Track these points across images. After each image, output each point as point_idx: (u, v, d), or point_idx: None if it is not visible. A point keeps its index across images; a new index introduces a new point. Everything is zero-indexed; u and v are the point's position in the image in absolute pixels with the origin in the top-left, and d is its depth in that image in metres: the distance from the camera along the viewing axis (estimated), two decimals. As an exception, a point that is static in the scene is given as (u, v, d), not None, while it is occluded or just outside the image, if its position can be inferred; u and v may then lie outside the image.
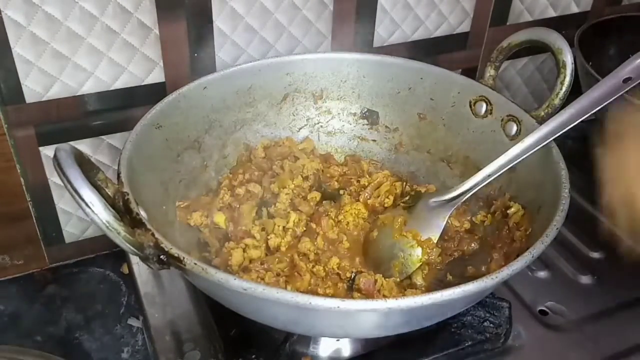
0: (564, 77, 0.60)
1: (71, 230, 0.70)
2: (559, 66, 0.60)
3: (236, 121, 0.66)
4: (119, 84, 0.63)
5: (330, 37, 0.72)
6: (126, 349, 0.62)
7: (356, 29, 0.72)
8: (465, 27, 0.79)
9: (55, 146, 0.62)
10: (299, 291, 0.54)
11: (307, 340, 0.57)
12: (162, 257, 0.44)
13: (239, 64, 0.65)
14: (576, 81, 0.62)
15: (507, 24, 0.81)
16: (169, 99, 0.59)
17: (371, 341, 0.58)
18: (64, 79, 0.61)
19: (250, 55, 0.68)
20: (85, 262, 0.71)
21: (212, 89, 0.62)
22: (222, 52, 0.67)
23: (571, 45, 0.61)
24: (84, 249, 0.72)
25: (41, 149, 0.63)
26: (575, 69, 0.60)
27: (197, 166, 0.63)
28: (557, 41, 0.60)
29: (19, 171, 0.63)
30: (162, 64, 0.64)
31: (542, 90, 0.91)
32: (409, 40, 0.76)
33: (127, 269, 0.68)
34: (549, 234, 0.47)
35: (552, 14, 0.84)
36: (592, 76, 0.71)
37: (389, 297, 0.53)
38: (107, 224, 0.43)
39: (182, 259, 0.43)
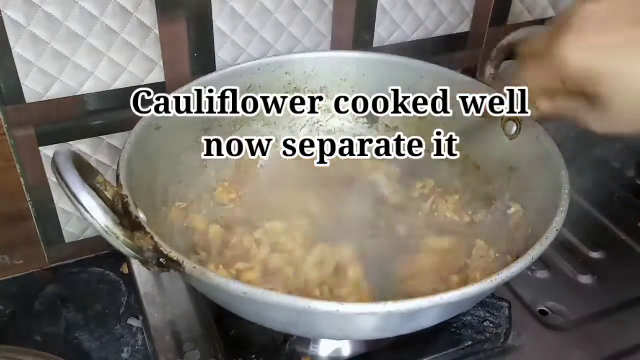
0: None
1: (71, 230, 0.70)
2: None
3: (235, 121, 0.66)
4: (119, 84, 0.63)
5: (330, 37, 0.72)
6: (126, 349, 0.63)
7: (356, 29, 0.72)
8: (465, 27, 0.79)
9: (55, 146, 0.63)
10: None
11: (307, 340, 0.57)
12: (161, 260, 0.44)
13: (243, 63, 0.65)
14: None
15: (507, 23, 0.81)
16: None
17: (371, 341, 0.58)
18: (64, 79, 0.61)
19: (250, 55, 0.68)
20: (85, 262, 0.71)
21: (211, 90, 0.62)
22: (222, 52, 0.67)
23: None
24: (84, 249, 0.72)
25: (41, 149, 0.63)
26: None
27: (197, 167, 0.63)
28: None
29: (19, 171, 0.63)
30: (162, 64, 0.64)
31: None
32: (409, 40, 0.76)
33: (127, 269, 0.69)
34: (549, 235, 0.47)
35: (552, 13, 0.84)
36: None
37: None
38: (106, 229, 0.43)
39: (181, 262, 0.43)
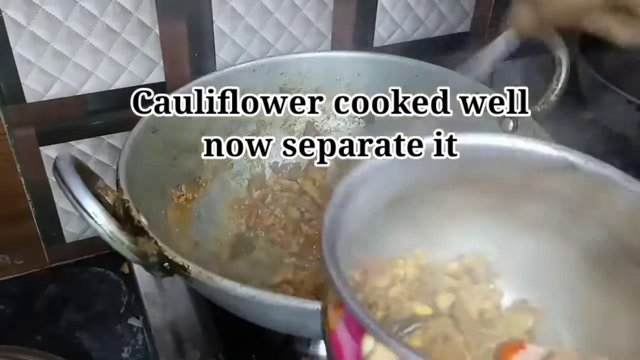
0: (560, 74, 0.60)
1: (71, 230, 0.70)
2: (554, 62, 0.60)
3: (231, 122, 0.66)
4: (119, 84, 0.63)
5: (330, 37, 0.72)
6: (126, 349, 0.63)
7: (356, 28, 0.72)
8: (465, 27, 0.79)
9: (55, 146, 0.64)
10: None
11: (307, 340, 0.57)
12: (165, 265, 0.44)
13: (238, 64, 0.65)
14: (575, 80, 0.62)
15: (507, 23, 0.81)
16: None
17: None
18: (64, 79, 0.61)
19: (250, 55, 0.68)
20: (85, 261, 0.71)
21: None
22: (222, 52, 0.67)
23: (572, 45, 0.61)
24: (85, 248, 0.72)
25: (41, 148, 0.63)
26: (572, 66, 0.60)
27: (195, 168, 0.63)
28: (552, 37, 0.60)
29: (19, 171, 0.63)
30: (162, 64, 0.64)
31: (542, 90, 0.90)
32: (409, 40, 0.76)
33: (127, 269, 0.69)
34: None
35: None
36: (593, 76, 0.71)
37: None
38: (111, 234, 0.43)
39: (186, 267, 0.43)
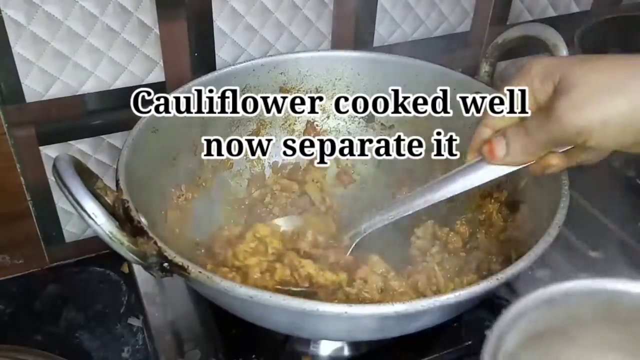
0: None
1: (71, 229, 0.70)
2: None
3: (231, 122, 0.66)
4: (119, 84, 0.63)
5: (330, 37, 0.72)
6: (126, 349, 0.63)
7: (356, 28, 0.72)
8: (465, 27, 0.79)
9: (55, 146, 0.64)
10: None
11: (307, 340, 0.57)
12: (164, 265, 0.44)
13: (238, 63, 0.65)
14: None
15: (507, 23, 0.81)
16: None
17: (372, 341, 0.58)
18: (64, 79, 0.61)
19: (250, 54, 0.68)
20: (85, 261, 0.71)
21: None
22: (222, 52, 0.67)
23: (571, 45, 0.61)
24: (84, 248, 0.72)
25: (41, 148, 0.63)
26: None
27: (194, 168, 0.63)
28: (552, 37, 0.60)
29: (19, 171, 0.63)
30: (162, 64, 0.64)
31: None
32: (409, 39, 0.76)
33: (127, 269, 0.68)
34: (551, 233, 0.47)
35: (552, 13, 0.84)
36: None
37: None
38: (111, 235, 0.43)
39: (186, 267, 0.43)
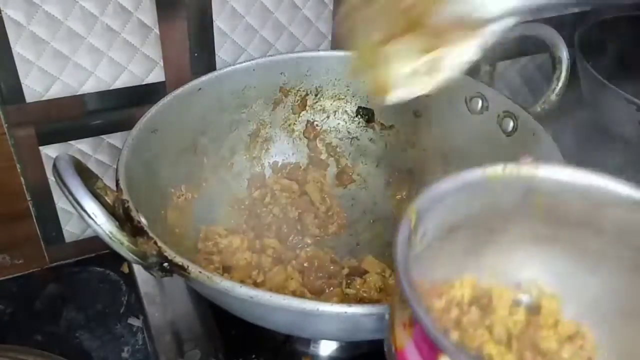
0: (560, 73, 0.60)
1: (71, 229, 0.70)
2: (554, 62, 0.60)
3: (231, 122, 0.66)
4: (119, 84, 0.63)
5: (330, 37, 0.72)
6: (126, 349, 0.63)
7: (356, 28, 0.72)
8: (465, 27, 0.79)
9: (55, 145, 0.64)
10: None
11: (307, 340, 0.57)
12: (164, 265, 0.44)
13: (238, 63, 0.65)
14: (575, 79, 0.62)
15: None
16: (164, 102, 0.58)
17: (372, 341, 0.58)
18: (64, 79, 0.61)
19: (250, 54, 0.68)
20: (85, 261, 0.71)
21: (206, 91, 0.62)
22: (222, 52, 0.67)
23: (571, 45, 0.61)
24: (84, 248, 0.72)
25: (41, 148, 0.63)
26: (572, 66, 0.60)
27: (194, 168, 0.63)
28: (552, 37, 0.60)
29: (19, 171, 0.63)
30: (162, 64, 0.64)
31: (542, 89, 0.90)
32: (409, 39, 0.76)
33: (127, 268, 0.69)
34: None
35: (552, 13, 0.84)
36: (593, 76, 0.71)
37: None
38: (110, 235, 0.43)
39: (186, 267, 0.43)
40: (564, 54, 0.59)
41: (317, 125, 0.71)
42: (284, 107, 0.69)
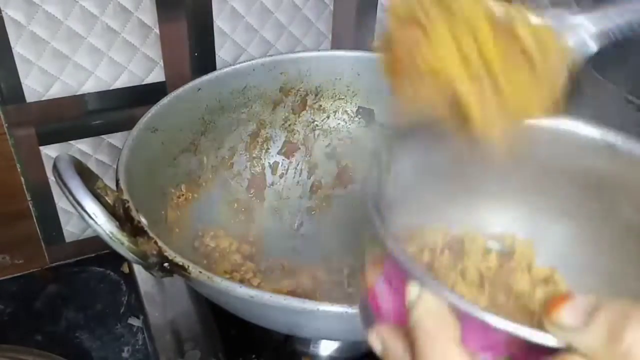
0: None
1: (71, 229, 0.70)
2: None
3: (231, 122, 0.66)
4: (119, 84, 0.63)
5: (330, 37, 0.72)
6: (126, 348, 0.63)
7: (356, 28, 0.72)
8: (465, 27, 0.79)
9: (55, 145, 0.64)
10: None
11: (307, 340, 0.57)
12: (165, 265, 0.44)
13: (238, 63, 0.65)
14: (575, 79, 0.62)
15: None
16: (164, 102, 0.58)
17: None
18: (64, 79, 0.61)
19: (250, 54, 0.68)
20: (85, 261, 0.71)
21: (206, 91, 0.62)
22: (223, 52, 0.67)
23: (571, 45, 0.61)
24: (84, 248, 0.72)
25: (41, 148, 0.63)
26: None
27: (194, 168, 0.63)
28: None
29: (19, 170, 0.63)
30: (162, 64, 0.64)
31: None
32: (409, 39, 0.76)
33: (127, 268, 0.69)
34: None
35: (552, 13, 0.84)
36: (594, 77, 0.71)
37: None
38: (111, 235, 0.43)
39: (186, 267, 0.43)
40: None
41: (317, 125, 0.71)
42: (284, 107, 0.69)
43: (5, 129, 0.60)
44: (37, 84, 0.60)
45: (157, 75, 0.65)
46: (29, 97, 0.60)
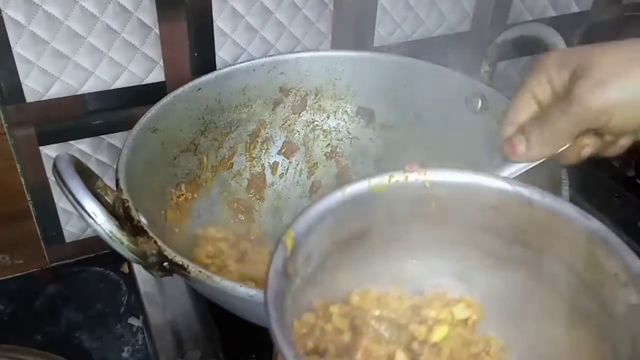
0: None
1: (71, 229, 0.70)
2: None
3: (231, 122, 0.66)
4: (119, 84, 0.63)
5: (330, 37, 0.72)
6: (126, 348, 0.63)
7: (356, 28, 0.72)
8: (465, 27, 0.79)
9: (55, 145, 0.64)
10: None
11: (307, 339, 0.57)
12: (164, 264, 0.44)
13: (238, 63, 0.65)
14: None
15: (507, 23, 0.81)
16: (164, 102, 0.58)
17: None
18: (64, 79, 0.61)
19: (250, 54, 0.68)
20: (85, 261, 0.71)
21: (206, 91, 0.62)
22: (223, 52, 0.67)
23: (571, 45, 0.61)
24: (84, 248, 0.72)
25: (41, 148, 0.63)
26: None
27: (194, 168, 0.63)
28: (552, 36, 0.60)
29: (19, 170, 0.63)
30: (162, 64, 0.64)
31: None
32: (409, 40, 0.76)
33: (127, 268, 0.69)
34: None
35: (552, 13, 0.84)
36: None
37: None
38: (111, 234, 0.43)
39: (186, 266, 0.43)
40: None
41: (317, 125, 0.71)
42: (284, 107, 0.69)
43: (5, 129, 0.60)
44: (37, 84, 0.60)
45: (157, 75, 0.65)
46: (29, 97, 0.60)
